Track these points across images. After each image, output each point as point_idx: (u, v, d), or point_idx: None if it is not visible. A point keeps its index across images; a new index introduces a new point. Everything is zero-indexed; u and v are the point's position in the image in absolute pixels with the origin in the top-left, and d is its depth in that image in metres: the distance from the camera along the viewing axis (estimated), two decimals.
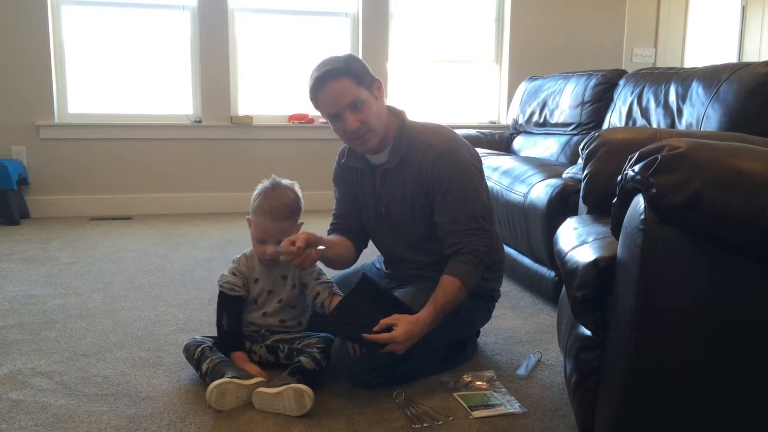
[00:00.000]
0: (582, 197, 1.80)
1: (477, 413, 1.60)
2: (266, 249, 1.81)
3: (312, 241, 1.73)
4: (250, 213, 1.85)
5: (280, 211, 1.80)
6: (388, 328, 1.63)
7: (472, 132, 4.08)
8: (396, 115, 1.90)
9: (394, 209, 1.90)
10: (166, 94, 4.57)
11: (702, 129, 2.36)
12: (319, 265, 1.89)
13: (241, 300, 1.85)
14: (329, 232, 2.04)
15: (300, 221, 1.88)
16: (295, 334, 1.86)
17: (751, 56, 5.33)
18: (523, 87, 4.09)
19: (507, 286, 2.76)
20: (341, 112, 1.76)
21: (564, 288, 1.50)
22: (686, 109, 2.50)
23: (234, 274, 1.85)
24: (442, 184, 1.79)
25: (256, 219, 1.82)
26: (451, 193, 1.79)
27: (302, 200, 1.88)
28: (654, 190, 1.05)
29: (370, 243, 2.06)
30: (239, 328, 1.84)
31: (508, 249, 2.80)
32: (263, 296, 1.86)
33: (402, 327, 1.63)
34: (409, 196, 1.86)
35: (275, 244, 1.78)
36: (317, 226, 3.90)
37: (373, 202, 1.95)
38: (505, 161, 3.04)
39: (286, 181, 1.87)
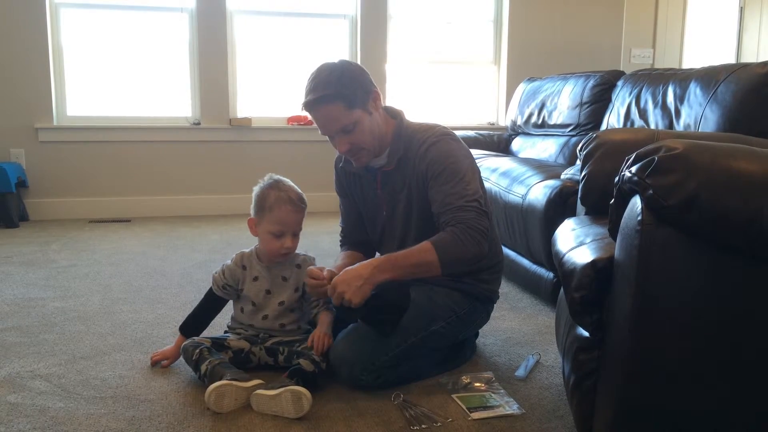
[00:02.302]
0: (580, 198, 1.80)
1: (476, 414, 1.60)
2: (285, 242, 1.80)
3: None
4: (258, 211, 1.83)
5: (300, 199, 1.82)
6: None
7: (471, 133, 4.09)
8: (394, 116, 1.90)
9: (395, 211, 1.91)
10: (165, 97, 4.57)
11: (700, 130, 2.36)
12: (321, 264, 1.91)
13: (220, 299, 1.92)
14: (341, 244, 2.09)
15: None
16: (295, 336, 1.86)
17: (749, 57, 5.34)
18: (522, 88, 4.09)
19: (505, 288, 2.76)
20: (332, 135, 1.79)
21: (562, 289, 1.50)
22: (684, 110, 2.50)
23: (223, 273, 1.88)
24: (433, 171, 1.78)
25: (273, 213, 1.79)
26: (442, 177, 1.77)
27: None
28: (651, 191, 1.05)
29: None
30: (203, 319, 1.93)
31: (506, 250, 2.80)
32: (261, 296, 1.86)
33: (339, 274, 1.66)
34: (406, 195, 1.86)
35: (292, 237, 1.81)
36: (316, 227, 3.92)
37: (375, 205, 1.95)
38: (504, 162, 3.04)
39: (286, 179, 1.89)
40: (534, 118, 3.79)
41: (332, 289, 1.64)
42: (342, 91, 1.72)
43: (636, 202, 1.11)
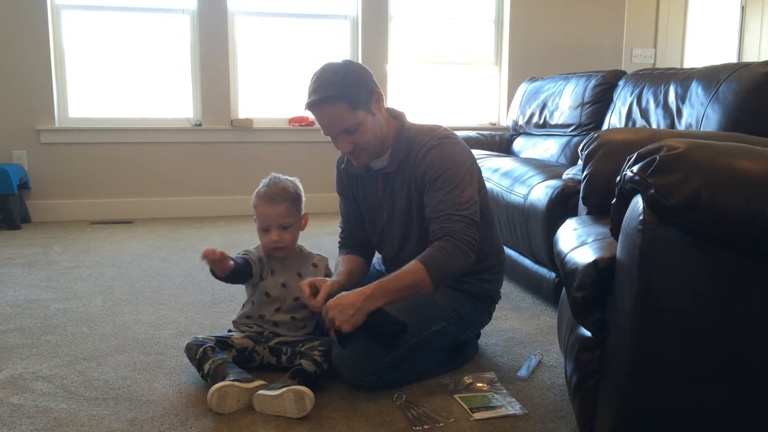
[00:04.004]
0: (582, 198, 1.80)
1: (478, 415, 1.60)
2: (271, 236, 1.85)
3: (332, 294, 1.75)
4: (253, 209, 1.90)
5: (275, 194, 1.85)
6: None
7: (472, 134, 4.08)
8: (396, 117, 1.89)
9: (394, 213, 1.90)
10: (167, 98, 4.57)
11: (701, 129, 2.36)
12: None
13: (248, 269, 1.87)
14: (339, 246, 2.09)
15: (304, 212, 1.92)
16: (299, 337, 1.87)
17: (751, 56, 5.33)
18: (523, 88, 4.09)
19: (507, 288, 2.76)
20: (335, 135, 1.79)
21: (564, 289, 1.50)
22: (686, 110, 2.50)
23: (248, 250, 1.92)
24: (430, 175, 1.78)
25: (256, 210, 1.88)
26: (437, 183, 1.76)
27: (302, 191, 1.92)
28: (652, 191, 1.05)
29: None
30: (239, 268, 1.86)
31: (508, 250, 2.80)
32: (278, 289, 1.88)
33: (334, 298, 1.66)
34: (406, 197, 1.86)
35: (278, 230, 1.85)
36: (318, 228, 3.91)
37: (375, 207, 1.95)
38: (505, 163, 3.04)
39: (285, 177, 1.93)
40: (535, 118, 3.79)
41: (324, 312, 1.67)
42: (346, 91, 1.71)
43: (638, 202, 1.11)
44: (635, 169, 1.10)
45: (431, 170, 1.78)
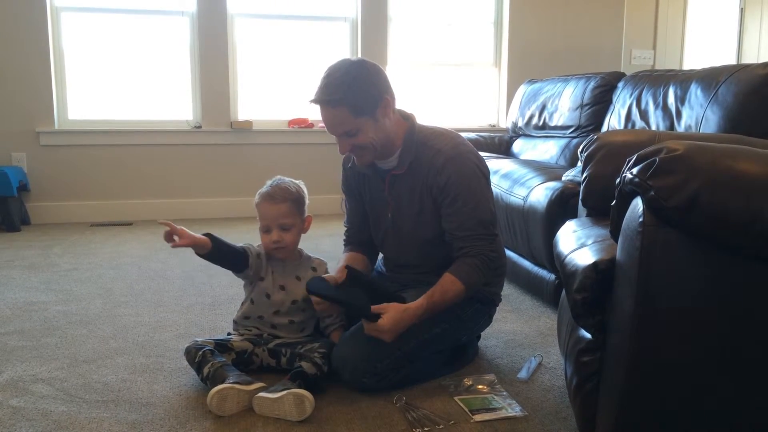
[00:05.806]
0: (581, 200, 1.80)
1: (478, 417, 1.60)
2: (271, 236, 1.86)
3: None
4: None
5: (277, 193, 1.87)
6: (376, 317, 1.67)
7: (472, 135, 4.09)
8: (405, 119, 1.89)
9: (401, 215, 1.91)
10: (166, 100, 4.58)
11: (701, 131, 2.36)
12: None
13: (241, 257, 1.87)
14: (345, 244, 2.10)
15: (307, 214, 1.93)
16: (298, 339, 1.86)
17: (750, 58, 5.33)
18: (523, 90, 4.10)
19: (507, 290, 2.75)
20: (336, 135, 1.79)
21: (564, 291, 1.50)
22: (685, 111, 2.50)
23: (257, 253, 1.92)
24: (450, 190, 1.79)
25: (258, 208, 1.89)
26: (459, 199, 1.79)
27: (305, 193, 1.93)
28: (652, 193, 1.05)
29: None
30: (227, 248, 1.85)
31: (508, 252, 2.80)
32: (276, 290, 1.89)
33: (389, 316, 1.67)
34: (417, 201, 1.86)
35: (279, 231, 1.86)
36: (318, 229, 3.91)
37: (380, 207, 1.95)
38: (505, 164, 3.04)
39: (289, 179, 1.93)
40: (535, 120, 3.79)
41: (378, 330, 1.69)
42: (350, 97, 1.70)
43: (637, 204, 1.11)
44: (635, 170, 1.10)
45: (450, 186, 1.79)
